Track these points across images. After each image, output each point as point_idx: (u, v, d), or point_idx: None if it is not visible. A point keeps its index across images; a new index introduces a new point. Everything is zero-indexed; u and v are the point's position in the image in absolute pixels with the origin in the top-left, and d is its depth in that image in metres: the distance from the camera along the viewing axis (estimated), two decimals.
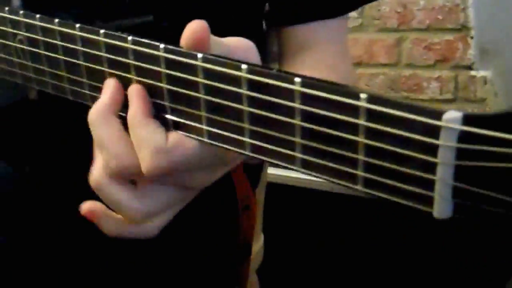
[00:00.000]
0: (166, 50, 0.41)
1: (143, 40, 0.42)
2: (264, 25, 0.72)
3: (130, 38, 0.43)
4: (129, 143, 0.43)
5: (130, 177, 0.44)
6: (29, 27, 0.50)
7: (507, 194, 0.30)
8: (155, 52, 0.41)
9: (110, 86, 0.45)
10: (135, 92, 0.43)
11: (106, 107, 0.44)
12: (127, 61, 0.43)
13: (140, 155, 0.42)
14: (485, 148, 0.30)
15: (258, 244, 0.96)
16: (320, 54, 0.69)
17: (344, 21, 0.72)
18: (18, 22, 0.51)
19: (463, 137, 0.30)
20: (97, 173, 0.44)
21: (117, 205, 0.44)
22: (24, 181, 0.66)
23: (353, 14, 1.85)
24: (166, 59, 0.41)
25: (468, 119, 0.30)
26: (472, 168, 0.30)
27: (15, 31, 0.52)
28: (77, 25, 0.46)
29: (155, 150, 0.41)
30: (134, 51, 0.43)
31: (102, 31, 0.45)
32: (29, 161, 0.66)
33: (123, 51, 0.44)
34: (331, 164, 0.35)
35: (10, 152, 0.65)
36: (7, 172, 0.65)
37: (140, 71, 0.43)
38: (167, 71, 0.41)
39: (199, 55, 0.39)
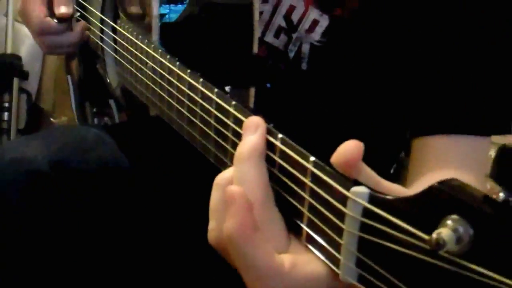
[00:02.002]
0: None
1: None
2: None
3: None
4: (270, 192, 0.42)
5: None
6: (157, 61, 0.63)
7: (399, 279, 0.33)
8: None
9: (259, 126, 0.44)
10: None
11: (258, 148, 0.43)
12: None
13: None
14: (384, 228, 0.34)
15: None
16: (451, 172, 0.63)
17: (486, 142, 0.67)
18: (150, 53, 0.65)
19: (367, 213, 0.35)
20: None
21: None
22: (142, 184, 0.80)
23: None
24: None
25: (373, 198, 0.35)
26: (374, 244, 0.35)
27: (148, 60, 0.66)
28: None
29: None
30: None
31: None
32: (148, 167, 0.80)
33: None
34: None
35: (134, 158, 0.80)
36: (131, 175, 0.79)
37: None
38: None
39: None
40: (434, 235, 0.31)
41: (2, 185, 0.70)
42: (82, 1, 0.93)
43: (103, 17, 0.85)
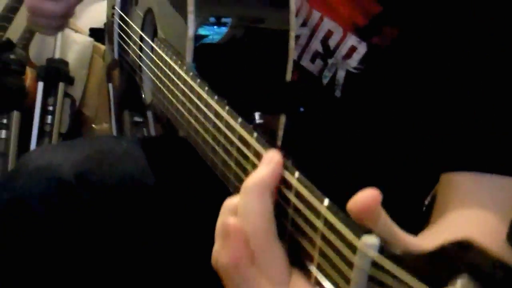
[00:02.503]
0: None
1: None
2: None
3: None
4: (273, 231, 0.42)
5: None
6: (187, 84, 0.63)
7: None
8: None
9: (273, 160, 0.43)
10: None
11: (265, 181, 0.42)
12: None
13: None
14: (392, 283, 0.33)
15: None
16: (475, 212, 0.62)
17: None
18: (181, 75, 0.65)
19: (376, 264, 0.34)
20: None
21: None
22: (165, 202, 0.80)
23: None
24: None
25: (383, 250, 0.34)
26: None
27: (179, 82, 0.66)
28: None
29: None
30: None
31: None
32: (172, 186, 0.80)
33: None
34: None
35: (160, 170, 0.80)
36: (154, 192, 0.80)
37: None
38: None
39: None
40: None
41: (25, 192, 0.72)
42: (125, 17, 0.94)
43: (142, 34, 0.86)
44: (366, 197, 0.37)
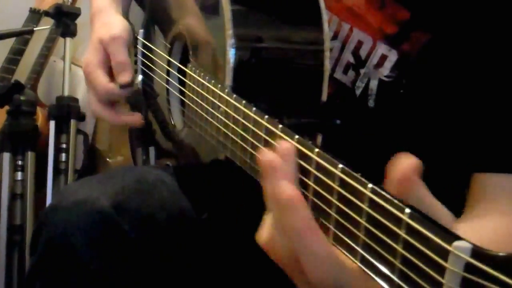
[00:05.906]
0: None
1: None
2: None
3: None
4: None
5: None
6: (231, 106, 0.63)
7: None
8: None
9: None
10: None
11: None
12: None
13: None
14: (487, 284, 0.33)
15: None
16: (503, 207, 0.67)
17: None
18: (223, 97, 0.65)
19: (470, 267, 0.33)
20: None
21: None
22: (202, 225, 0.80)
23: None
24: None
25: (476, 253, 0.33)
26: None
27: (220, 104, 0.66)
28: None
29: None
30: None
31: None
32: (209, 209, 0.80)
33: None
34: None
35: (195, 200, 0.80)
36: (191, 216, 0.80)
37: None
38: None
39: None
40: None
41: (67, 227, 0.71)
42: (151, 45, 0.95)
43: (171, 59, 0.87)
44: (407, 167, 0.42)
